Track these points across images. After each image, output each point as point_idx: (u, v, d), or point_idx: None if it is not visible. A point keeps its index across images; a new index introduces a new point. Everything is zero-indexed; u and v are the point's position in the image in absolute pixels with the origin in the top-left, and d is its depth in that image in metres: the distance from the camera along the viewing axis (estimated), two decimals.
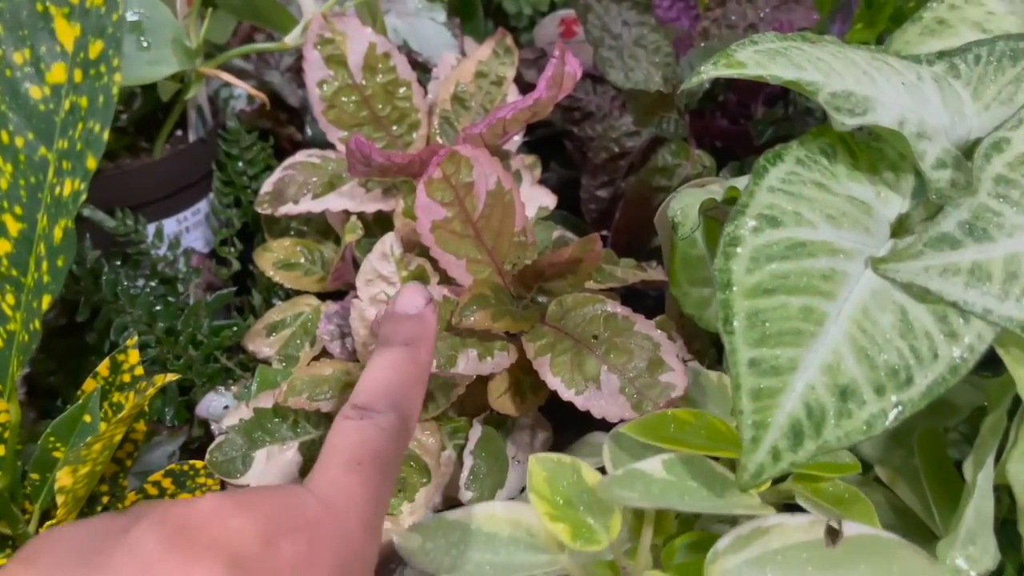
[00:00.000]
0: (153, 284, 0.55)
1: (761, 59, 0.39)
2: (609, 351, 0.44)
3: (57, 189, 0.30)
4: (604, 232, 0.66)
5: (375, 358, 0.35)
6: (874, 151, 0.39)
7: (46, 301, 0.33)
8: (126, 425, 0.37)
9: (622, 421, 0.42)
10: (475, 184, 0.45)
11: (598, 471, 0.38)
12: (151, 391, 0.36)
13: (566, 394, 0.44)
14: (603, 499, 0.35)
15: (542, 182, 0.59)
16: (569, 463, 0.36)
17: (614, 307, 0.46)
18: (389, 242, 0.48)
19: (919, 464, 0.43)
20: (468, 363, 0.43)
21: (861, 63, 0.40)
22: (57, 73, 0.30)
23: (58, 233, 0.30)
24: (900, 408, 0.33)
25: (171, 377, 0.36)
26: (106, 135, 0.28)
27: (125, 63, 0.53)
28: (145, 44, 0.53)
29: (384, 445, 0.30)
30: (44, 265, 0.31)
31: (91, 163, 0.29)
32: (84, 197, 0.29)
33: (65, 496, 0.38)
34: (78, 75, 0.30)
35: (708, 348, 0.55)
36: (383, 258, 0.48)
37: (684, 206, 0.48)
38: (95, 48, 0.30)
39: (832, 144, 0.38)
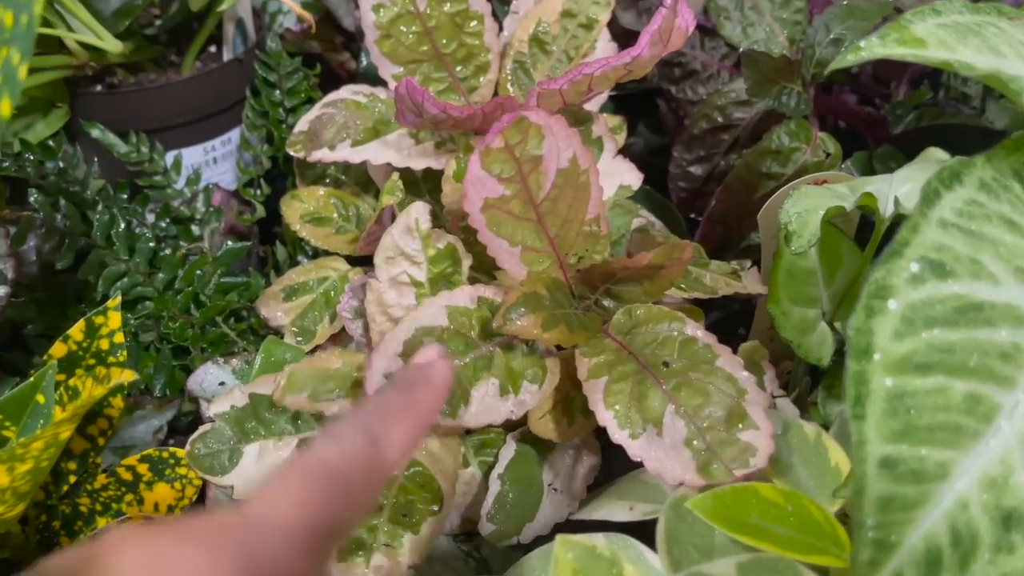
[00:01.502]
0: (164, 224, 0.47)
1: (946, 37, 0.28)
2: (680, 387, 0.35)
3: None
4: (692, 215, 0.56)
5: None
6: None
7: None
8: (75, 423, 0.30)
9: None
10: (544, 159, 0.36)
11: (643, 562, 0.29)
12: (99, 389, 0.28)
13: (617, 435, 0.35)
14: None
15: (625, 148, 0.49)
16: (608, 556, 0.28)
17: (695, 330, 0.37)
18: (415, 214, 0.40)
19: None
20: (482, 402, 0.35)
21: None
22: None
23: None
24: None
25: (128, 376, 0.29)
26: (24, 71, 0.20)
27: None
28: None
29: (341, 464, 0.26)
30: None
31: (6, 107, 0.21)
32: None
33: (2, 494, 0.31)
34: None
35: (801, 377, 0.46)
36: (407, 232, 0.39)
37: (802, 211, 0.38)
38: None
39: None
